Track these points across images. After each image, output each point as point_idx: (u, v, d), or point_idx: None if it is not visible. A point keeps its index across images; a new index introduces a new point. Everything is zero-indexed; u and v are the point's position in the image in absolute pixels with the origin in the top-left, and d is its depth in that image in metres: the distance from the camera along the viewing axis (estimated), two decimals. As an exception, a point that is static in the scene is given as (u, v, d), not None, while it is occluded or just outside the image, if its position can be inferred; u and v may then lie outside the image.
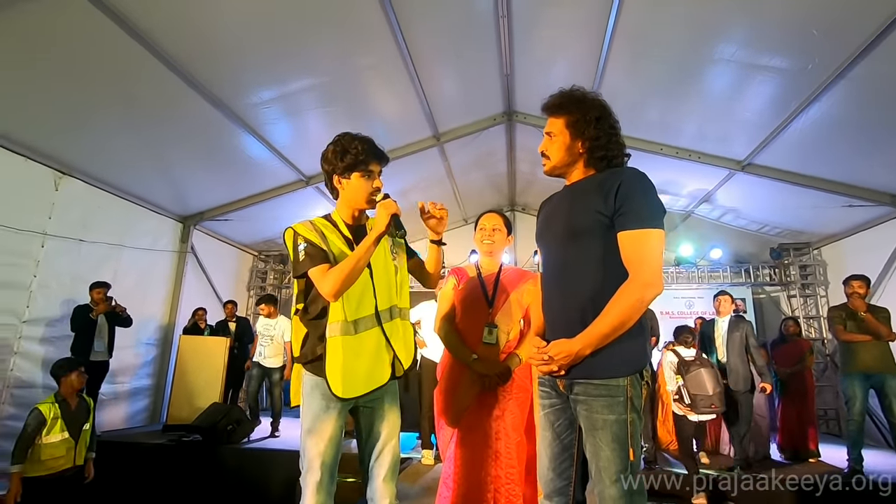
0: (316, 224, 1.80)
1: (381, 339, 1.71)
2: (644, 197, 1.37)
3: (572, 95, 1.52)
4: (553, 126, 1.53)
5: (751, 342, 4.31)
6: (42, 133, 4.35)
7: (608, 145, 1.47)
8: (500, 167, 7.48)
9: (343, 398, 1.63)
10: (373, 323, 1.71)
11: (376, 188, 1.78)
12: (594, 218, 1.39)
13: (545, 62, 4.91)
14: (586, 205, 1.42)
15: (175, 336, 6.35)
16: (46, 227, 4.70)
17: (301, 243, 1.72)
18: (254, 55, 4.07)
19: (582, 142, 1.48)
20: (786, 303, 7.58)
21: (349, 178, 1.78)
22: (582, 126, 1.47)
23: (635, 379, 1.35)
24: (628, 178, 1.40)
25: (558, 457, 1.45)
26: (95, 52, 3.63)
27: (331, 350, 1.65)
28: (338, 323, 1.67)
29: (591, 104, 1.49)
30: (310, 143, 5.77)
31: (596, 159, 1.49)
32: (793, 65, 3.83)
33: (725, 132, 5.10)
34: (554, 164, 1.54)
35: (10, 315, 4.44)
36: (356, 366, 1.65)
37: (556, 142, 1.52)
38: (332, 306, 1.68)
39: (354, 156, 1.76)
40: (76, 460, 3.42)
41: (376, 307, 1.73)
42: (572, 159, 1.51)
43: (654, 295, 1.32)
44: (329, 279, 1.62)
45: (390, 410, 1.77)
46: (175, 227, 6.59)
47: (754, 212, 6.77)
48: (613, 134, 1.49)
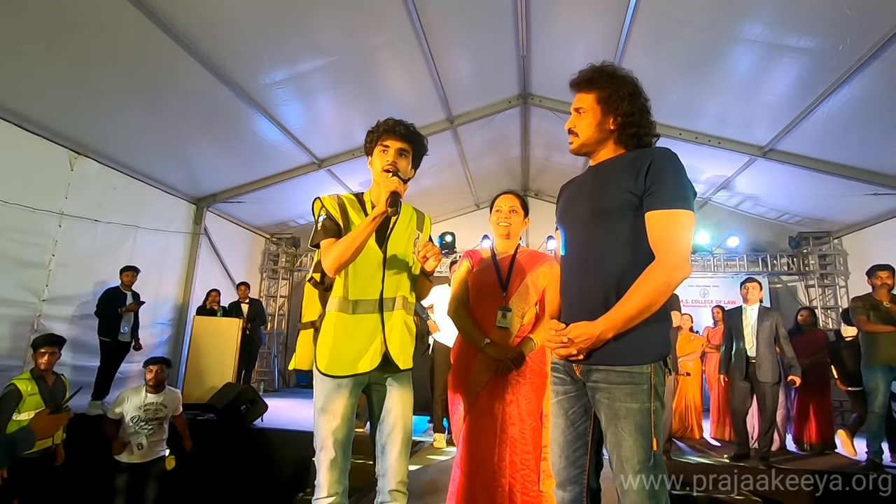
0: (342, 199, 1.80)
1: (377, 327, 1.69)
2: (675, 177, 1.31)
3: (603, 70, 1.45)
4: (583, 101, 1.46)
5: (780, 332, 4.15)
6: (57, 113, 4.37)
7: (640, 122, 1.41)
8: (514, 151, 7.38)
9: (325, 374, 1.63)
10: (374, 308, 1.70)
11: (389, 163, 1.73)
12: (623, 197, 1.33)
13: (563, 43, 4.79)
14: (615, 183, 1.36)
15: (189, 316, 6.43)
16: (63, 206, 4.75)
17: (322, 215, 1.74)
18: (267, 34, 4.02)
19: (613, 118, 1.42)
20: (803, 293, 7.44)
21: (373, 156, 1.81)
22: (615, 101, 1.41)
23: (659, 366, 1.30)
24: (660, 157, 1.34)
25: (571, 444, 1.41)
26: (111, 33, 3.63)
27: (325, 324, 1.67)
28: (337, 298, 1.67)
29: (624, 79, 1.43)
30: (322, 125, 5.74)
31: (627, 136, 1.43)
32: (823, 45, 3.68)
33: (748, 116, 4.95)
34: (582, 142, 1.47)
35: (30, 293, 4.51)
36: (345, 346, 1.65)
37: (586, 118, 1.45)
38: (336, 281, 1.69)
39: (373, 132, 1.80)
40: (54, 439, 3.35)
41: (381, 294, 1.71)
42: (602, 136, 1.45)
43: (682, 278, 1.27)
44: (328, 254, 1.63)
45: (403, 389, 1.76)
46: (188, 209, 6.62)
47: (774, 199, 6.62)
48: (646, 111, 1.43)
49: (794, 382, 4.16)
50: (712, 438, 5.19)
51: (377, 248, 1.73)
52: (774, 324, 4.17)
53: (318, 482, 1.62)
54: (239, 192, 6.65)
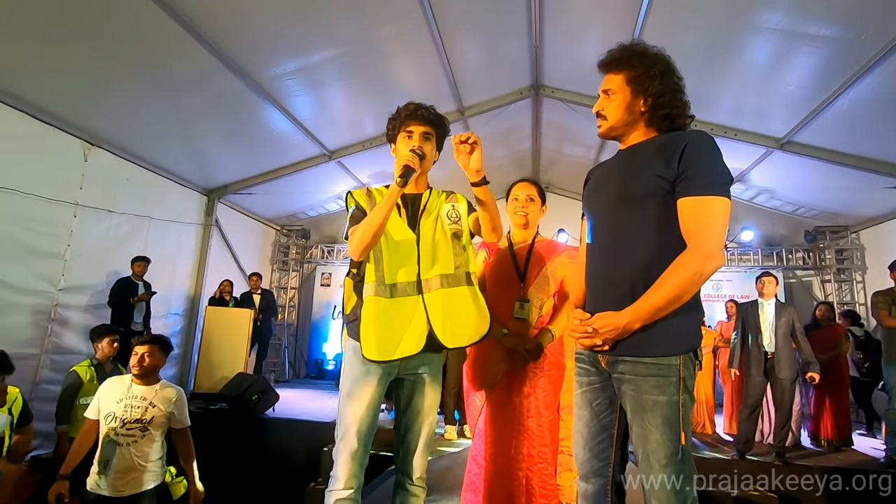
0: (371, 191, 1.80)
1: (418, 308, 1.65)
2: (712, 161, 1.25)
3: (633, 49, 1.39)
4: (611, 83, 1.40)
5: (797, 328, 4.08)
6: (71, 104, 4.39)
7: (673, 102, 1.35)
8: (525, 143, 7.32)
9: (374, 361, 1.59)
10: (413, 290, 1.66)
11: (413, 147, 1.69)
12: (654, 182, 1.27)
13: (576, 33, 4.71)
14: (646, 168, 1.30)
15: (201, 307, 6.49)
16: (77, 197, 4.79)
17: (352, 206, 1.75)
18: (279, 24, 4.00)
19: (644, 99, 1.35)
20: (819, 288, 7.33)
21: (396, 144, 1.79)
22: (645, 81, 1.34)
23: (689, 358, 1.24)
24: (695, 140, 1.26)
25: (596, 437, 1.37)
26: (123, 24, 3.63)
27: (365, 311, 1.62)
28: (372, 284, 1.64)
29: (655, 58, 1.37)
30: (332, 116, 5.72)
31: (659, 118, 1.36)
32: (844, 34, 3.59)
33: (765, 107, 4.86)
34: (611, 125, 1.40)
35: (47, 283, 4.57)
36: (389, 330, 1.61)
37: (615, 100, 1.38)
38: (368, 268, 1.66)
39: (395, 118, 1.79)
40: None
41: (419, 275, 1.67)
42: (632, 119, 1.38)
43: (715, 268, 1.21)
44: (352, 238, 1.63)
45: (431, 385, 1.73)
46: (200, 200, 6.66)
47: (790, 192, 6.50)
48: (679, 90, 1.37)
49: (812, 379, 4.08)
50: (725, 434, 5.14)
51: (410, 230, 1.71)
52: (791, 319, 4.09)
53: (335, 473, 1.59)
54: (250, 183, 6.66)
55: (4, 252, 4.15)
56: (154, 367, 2.68)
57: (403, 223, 1.71)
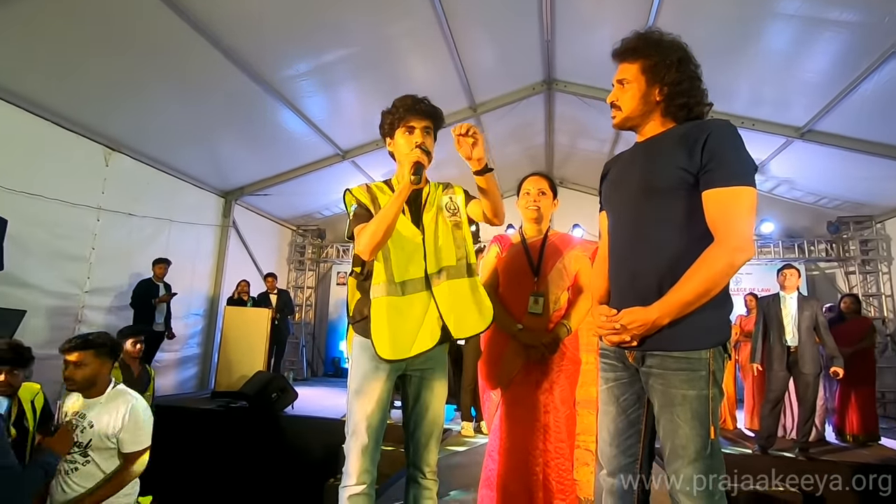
0: (371, 187, 1.78)
1: (429, 303, 1.66)
2: (736, 151, 1.22)
3: (648, 38, 1.35)
4: (626, 72, 1.36)
5: (820, 321, 3.98)
6: (92, 111, 4.50)
7: (690, 91, 1.31)
8: (538, 139, 7.27)
9: (389, 360, 1.60)
10: (422, 286, 1.67)
11: (417, 143, 1.68)
12: (676, 175, 1.24)
13: (588, 26, 4.66)
14: (667, 160, 1.27)
15: (220, 307, 6.60)
16: (100, 201, 4.91)
17: (353, 204, 1.71)
18: (289, 25, 4.04)
19: (660, 88, 1.32)
20: (843, 279, 7.14)
21: (394, 138, 1.76)
22: (661, 70, 1.30)
23: (718, 351, 1.22)
24: (717, 130, 1.23)
25: (623, 433, 1.35)
26: (140, 31, 3.71)
27: (376, 311, 1.62)
28: (382, 284, 1.64)
29: (671, 45, 1.33)
30: (345, 116, 5.76)
31: (676, 107, 1.33)
32: (866, 18, 3.48)
33: (784, 96, 4.74)
34: (626, 115, 1.37)
35: (74, 285, 4.71)
36: (402, 327, 1.62)
37: (630, 89, 1.35)
38: (376, 267, 1.65)
39: (394, 114, 1.75)
40: None
41: (426, 270, 1.68)
42: (647, 109, 1.35)
43: (745, 260, 1.18)
44: (361, 237, 1.59)
45: (438, 380, 1.74)
46: (217, 202, 6.77)
47: (811, 182, 6.35)
48: (696, 78, 1.33)
49: (836, 374, 3.99)
50: (747, 429, 5.06)
51: (413, 226, 1.71)
52: (815, 313, 3.99)
53: (347, 469, 1.60)
54: (265, 184, 6.75)
55: (33, 256, 4.28)
56: (90, 378, 2.11)
57: (407, 219, 1.71)
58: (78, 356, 2.09)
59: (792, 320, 4.04)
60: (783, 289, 4.19)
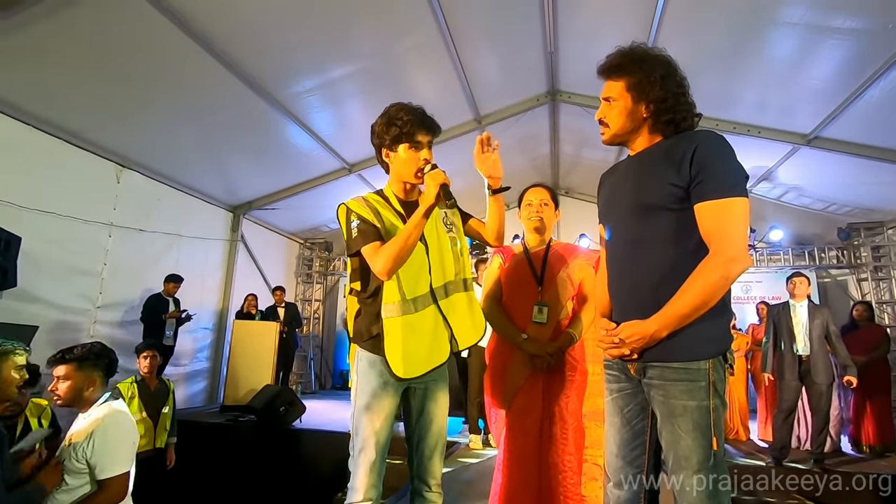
0: (369, 200, 1.75)
1: (437, 317, 1.67)
2: (725, 162, 1.23)
3: (633, 54, 1.36)
4: (612, 90, 1.38)
5: (832, 330, 3.92)
6: (103, 129, 4.59)
7: (675, 107, 1.32)
8: (543, 149, 7.30)
9: (404, 378, 1.60)
10: (429, 301, 1.67)
11: (424, 160, 1.69)
12: (667, 191, 1.26)
13: (591, 36, 4.70)
14: (657, 177, 1.29)
15: (229, 321, 6.64)
16: (112, 217, 4.99)
17: (354, 220, 1.65)
18: (296, 43, 4.12)
19: (646, 105, 1.33)
20: (855, 286, 7.04)
21: (396, 151, 1.73)
22: (646, 87, 1.31)
23: (718, 362, 1.23)
24: (704, 141, 1.24)
25: (628, 444, 1.35)
26: (151, 50, 3.79)
27: (390, 330, 1.61)
28: (396, 303, 1.62)
29: (655, 62, 1.33)
30: (351, 130, 5.82)
31: (662, 123, 1.34)
32: (871, 25, 3.48)
33: (790, 103, 4.73)
34: (614, 133, 1.39)
35: (86, 301, 4.77)
36: (417, 345, 1.62)
37: (616, 107, 1.37)
38: (387, 286, 1.62)
39: (400, 126, 1.70)
40: (156, 443, 3.46)
41: (431, 285, 1.69)
42: (635, 125, 1.37)
43: (741, 271, 1.19)
44: (381, 257, 1.55)
45: (441, 392, 1.74)
46: (226, 217, 6.85)
47: (819, 189, 6.29)
48: (681, 94, 1.34)
49: (850, 383, 3.92)
50: (760, 440, 4.98)
51: (419, 242, 1.70)
52: (826, 321, 3.94)
53: (354, 485, 1.59)
54: (273, 199, 6.82)
55: (46, 272, 4.34)
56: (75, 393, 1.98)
57: None
58: (61, 370, 2.00)
59: (803, 329, 3.99)
60: (793, 297, 4.14)
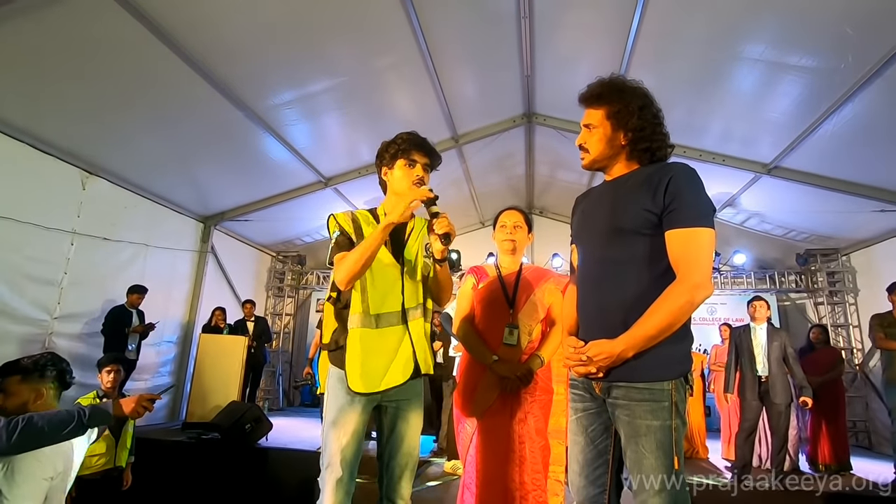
0: (356, 215, 1.81)
1: (404, 338, 1.69)
2: (695, 194, 1.30)
3: (612, 84, 1.44)
4: (592, 117, 1.45)
5: (789, 352, 4.09)
6: (70, 133, 4.45)
7: (652, 136, 1.40)
8: (519, 169, 7.44)
9: (358, 393, 1.61)
10: (397, 320, 1.69)
11: (419, 177, 1.75)
12: (641, 216, 1.32)
13: (567, 63, 4.86)
14: (632, 202, 1.35)
15: (195, 334, 6.43)
16: (75, 225, 4.81)
17: (335, 231, 1.74)
18: (275, 55, 4.11)
19: (624, 133, 1.40)
20: (812, 310, 7.36)
21: (393, 168, 1.80)
22: (625, 116, 1.39)
23: (680, 383, 1.28)
24: (678, 173, 1.32)
25: (591, 463, 1.38)
26: (121, 54, 3.71)
27: (350, 342, 1.65)
28: (358, 315, 1.66)
29: (634, 93, 1.42)
30: (328, 144, 5.82)
31: (639, 151, 1.41)
32: (825, 64, 3.72)
33: (751, 134, 4.98)
34: (594, 158, 1.46)
35: (42, 311, 4.54)
36: (374, 362, 1.63)
37: (596, 134, 1.44)
38: (353, 297, 1.67)
39: (398, 144, 1.79)
40: (116, 461, 3.32)
41: (403, 304, 1.71)
42: (613, 152, 1.44)
43: (705, 297, 1.25)
44: (338, 267, 1.63)
45: (413, 412, 1.74)
46: (196, 227, 6.69)
47: (780, 216, 6.60)
48: (657, 124, 1.42)
49: (805, 404, 4.08)
50: (723, 458, 5.08)
51: (394, 260, 1.74)
52: (783, 343, 4.12)
53: (322, 502, 1.58)
54: (246, 210, 6.71)
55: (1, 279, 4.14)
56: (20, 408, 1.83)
57: (387, 252, 1.74)
58: (3, 384, 1.86)
59: (762, 351, 4.15)
60: (753, 320, 4.32)
